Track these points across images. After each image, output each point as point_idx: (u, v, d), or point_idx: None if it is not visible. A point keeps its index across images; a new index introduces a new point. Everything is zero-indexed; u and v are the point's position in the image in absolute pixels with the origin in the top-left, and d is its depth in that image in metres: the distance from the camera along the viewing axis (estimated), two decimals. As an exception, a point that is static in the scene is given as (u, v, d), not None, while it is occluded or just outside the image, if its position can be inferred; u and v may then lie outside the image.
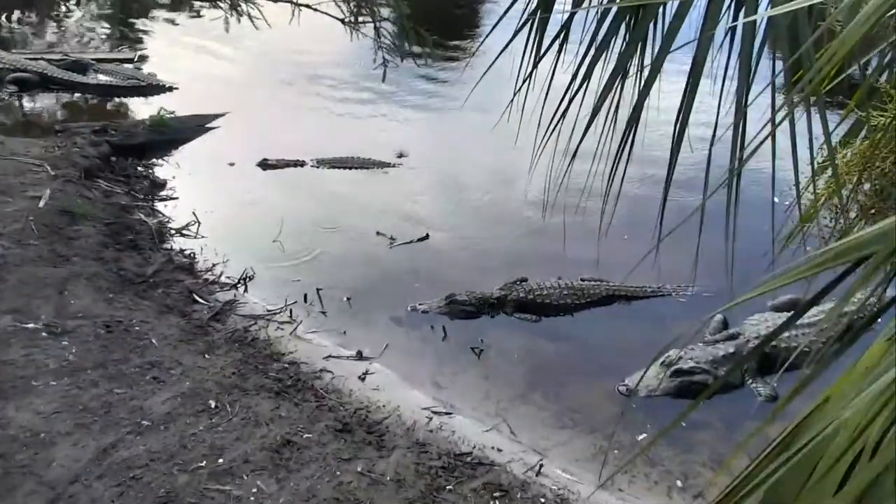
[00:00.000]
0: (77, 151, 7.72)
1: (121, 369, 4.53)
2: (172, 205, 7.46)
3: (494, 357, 5.50)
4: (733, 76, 1.95)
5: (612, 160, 2.13)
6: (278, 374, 4.83)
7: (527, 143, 2.28)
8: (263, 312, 5.71)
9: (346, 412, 4.54)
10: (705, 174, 2.02)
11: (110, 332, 4.90)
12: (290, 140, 9.01)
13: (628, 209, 7.08)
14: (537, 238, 6.88)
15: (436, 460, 4.19)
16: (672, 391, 5.08)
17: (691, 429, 4.74)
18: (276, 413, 4.36)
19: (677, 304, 6.15)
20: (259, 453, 3.98)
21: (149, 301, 5.50)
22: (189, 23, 14.06)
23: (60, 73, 10.38)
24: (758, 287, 1.33)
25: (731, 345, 5.41)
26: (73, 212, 6.37)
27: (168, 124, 8.76)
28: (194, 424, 4.15)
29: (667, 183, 2.13)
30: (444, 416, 4.71)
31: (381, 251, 6.85)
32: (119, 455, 3.84)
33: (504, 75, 2.26)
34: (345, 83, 11.19)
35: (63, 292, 5.23)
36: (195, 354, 4.86)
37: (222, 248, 6.64)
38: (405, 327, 5.82)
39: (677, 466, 4.48)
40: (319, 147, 8.85)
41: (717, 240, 2.04)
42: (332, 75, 11.53)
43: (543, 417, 4.88)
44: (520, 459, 4.37)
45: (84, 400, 4.21)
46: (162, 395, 4.36)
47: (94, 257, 5.86)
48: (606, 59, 2.12)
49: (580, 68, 2.12)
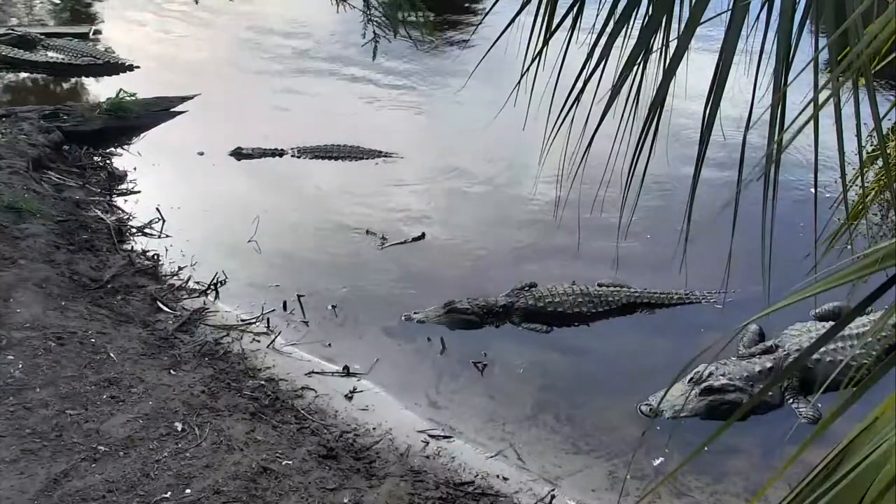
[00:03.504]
0: (24, 139, 7.72)
1: (74, 387, 4.53)
2: (133, 200, 7.47)
3: (499, 373, 5.50)
4: (771, 53, 1.95)
5: (632, 149, 2.14)
6: (254, 392, 4.83)
7: (537, 130, 2.28)
8: (237, 322, 5.71)
9: (331, 435, 4.54)
10: (739, 162, 2.02)
11: (62, 344, 4.90)
12: (267, 127, 9.03)
13: (652, 204, 7.11)
14: (548, 238, 6.88)
15: (433, 490, 4.19)
16: (701, 412, 5.09)
17: (724, 455, 4.74)
18: (252, 437, 4.35)
19: (708, 312, 6.16)
20: (232, 483, 3.98)
21: (106, 309, 5.50)
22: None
23: (5, 50, 10.38)
24: (797, 293, 1.33)
25: (768, 359, 5.41)
26: (20, 208, 6.37)
27: (128, 108, 8.77)
28: (158, 450, 4.15)
29: (695, 175, 2.14)
30: (442, 440, 4.71)
31: (370, 252, 6.86)
32: (72, 485, 3.83)
33: (511, 54, 2.26)
34: (330, 62, 11.21)
35: (8, 300, 5.23)
36: (159, 370, 4.86)
37: (190, 249, 6.64)
38: (398, 339, 5.82)
39: (707, 498, 4.48)
40: (301, 135, 8.86)
41: (752, 239, 2.04)
42: (316, 53, 11.55)
43: (555, 442, 4.89)
44: (528, 489, 4.37)
45: (32, 422, 4.20)
46: (121, 416, 4.36)
47: (43, 260, 5.86)
48: (627, 34, 2.13)
49: (596, 45, 2.12)
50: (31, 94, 9.92)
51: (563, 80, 2.22)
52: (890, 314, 1.30)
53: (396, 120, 9.60)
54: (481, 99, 8.60)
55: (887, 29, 1.39)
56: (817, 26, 1.94)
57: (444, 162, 8.64)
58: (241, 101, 9.89)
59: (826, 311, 5.93)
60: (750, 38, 1.99)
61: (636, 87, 2.13)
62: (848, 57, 1.69)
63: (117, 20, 12.91)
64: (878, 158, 2.52)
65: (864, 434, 1.24)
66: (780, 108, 1.91)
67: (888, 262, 1.27)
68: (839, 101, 1.79)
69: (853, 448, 1.23)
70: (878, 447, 1.15)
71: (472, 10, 13.82)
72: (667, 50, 2.09)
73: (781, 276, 2.17)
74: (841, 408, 1.27)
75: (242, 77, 10.68)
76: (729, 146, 2.56)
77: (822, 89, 1.64)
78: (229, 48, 11.77)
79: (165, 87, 9.48)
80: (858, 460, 1.17)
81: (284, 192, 7.95)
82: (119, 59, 10.86)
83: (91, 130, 8.44)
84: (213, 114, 9.40)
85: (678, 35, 2.03)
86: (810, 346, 1.40)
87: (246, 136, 8.65)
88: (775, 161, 1.92)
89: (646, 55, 2.12)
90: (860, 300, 1.31)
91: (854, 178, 2.94)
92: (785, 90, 1.90)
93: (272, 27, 12.33)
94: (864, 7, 1.60)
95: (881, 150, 2.07)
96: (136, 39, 11.71)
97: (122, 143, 8.58)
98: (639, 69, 2.11)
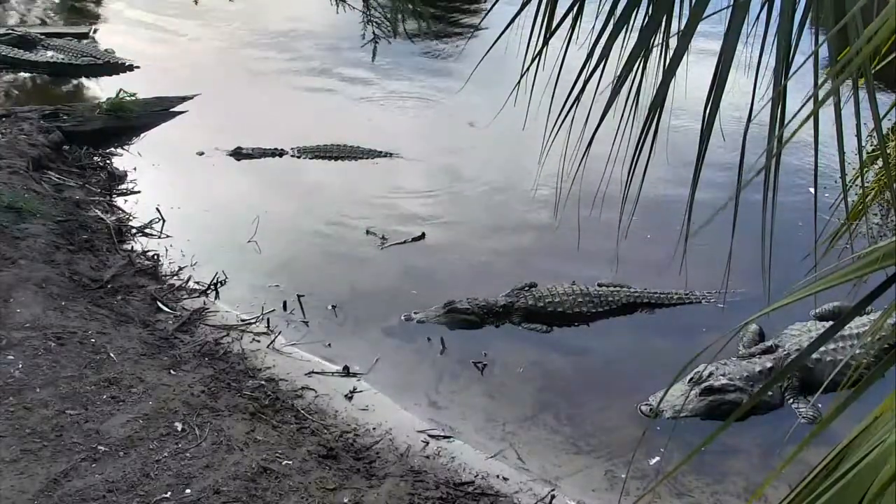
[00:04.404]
0: (24, 139, 7.72)
1: (74, 387, 4.53)
2: (133, 200, 7.46)
3: (499, 373, 5.50)
4: (771, 50, 1.95)
5: (633, 148, 2.14)
6: (254, 392, 4.83)
7: (536, 130, 2.28)
8: (237, 322, 5.71)
9: (330, 436, 4.55)
10: (740, 159, 2.02)
11: (62, 344, 4.90)
12: (267, 126, 9.02)
13: (652, 204, 7.11)
14: (548, 238, 6.89)
15: (433, 490, 4.19)
16: (701, 412, 5.09)
17: (724, 455, 4.74)
18: (252, 437, 4.36)
19: (708, 312, 6.16)
20: (232, 483, 3.98)
21: (106, 309, 5.51)
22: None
23: (5, 50, 10.38)
24: (797, 292, 1.33)
25: (768, 359, 5.41)
26: (20, 208, 6.37)
27: (128, 108, 8.77)
28: (158, 450, 4.15)
29: (695, 174, 2.14)
30: (442, 441, 4.72)
31: (370, 252, 6.86)
32: (72, 485, 3.84)
33: (510, 53, 2.26)
34: (330, 62, 11.21)
35: (8, 300, 5.23)
36: (159, 370, 4.86)
37: (190, 249, 6.65)
38: (398, 339, 5.82)
39: (707, 498, 4.49)
40: (301, 134, 8.85)
41: (752, 239, 2.04)
42: (316, 53, 11.55)
43: (555, 442, 4.89)
44: (528, 490, 4.38)
45: (32, 422, 4.21)
46: (121, 416, 4.36)
47: (43, 260, 5.86)
48: (627, 33, 2.13)
49: (597, 45, 2.12)
50: (31, 94, 9.91)
51: (563, 80, 2.22)
52: (889, 314, 1.30)
53: (396, 120, 9.60)
54: (481, 99, 8.62)
55: (886, 27, 1.39)
56: (817, 26, 1.94)
57: (444, 162, 8.64)
58: (241, 101, 9.89)
59: (826, 310, 5.93)
60: (749, 37, 1.99)
61: (636, 87, 2.14)
62: (847, 55, 1.69)
63: (117, 20, 12.91)
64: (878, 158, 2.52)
65: (863, 434, 1.24)
66: (779, 107, 1.91)
67: (887, 261, 1.27)
68: (839, 101, 1.79)
69: (852, 448, 1.23)
70: (877, 447, 1.15)
71: (472, 11, 13.83)
72: (667, 50, 2.09)
73: (781, 276, 2.17)
74: (840, 407, 1.28)
75: (242, 77, 10.67)
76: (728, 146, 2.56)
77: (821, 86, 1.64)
78: (229, 48, 11.77)
79: (165, 87, 9.48)
80: (857, 460, 1.17)
81: (284, 192, 7.95)
82: (119, 59, 10.85)
83: (91, 130, 8.44)
84: (213, 114, 9.40)
85: (678, 33, 2.03)
86: (810, 345, 1.40)
87: (246, 136, 8.65)
88: (775, 161, 1.92)
89: (646, 55, 2.12)
90: (859, 300, 1.31)
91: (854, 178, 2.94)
92: (785, 90, 1.90)
93: (272, 27, 12.33)
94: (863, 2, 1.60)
95: (881, 150, 2.07)
96: (136, 39, 11.71)
97: (122, 143, 8.58)
98: (638, 69, 2.11)
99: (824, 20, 1.87)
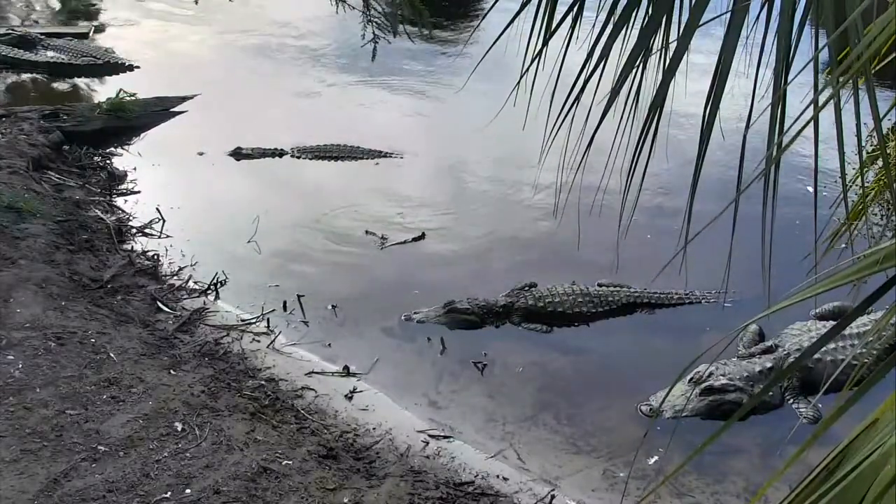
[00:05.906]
0: (24, 139, 7.72)
1: (74, 387, 4.53)
2: (133, 200, 7.46)
3: (499, 373, 5.50)
4: (771, 52, 1.95)
5: (633, 149, 2.14)
6: (254, 392, 4.83)
7: (536, 131, 2.28)
8: (237, 322, 5.71)
9: (330, 436, 4.54)
10: (740, 161, 2.02)
11: (62, 344, 4.90)
12: (267, 127, 9.02)
13: (652, 205, 7.12)
14: (548, 238, 6.89)
15: (433, 490, 4.19)
16: (702, 412, 5.09)
17: (724, 455, 4.74)
18: (252, 437, 4.36)
19: (708, 312, 6.16)
20: (232, 483, 3.98)
21: (106, 309, 5.50)
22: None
23: (5, 50, 10.37)
24: (798, 293, 1.33)
25: (768, 359, 5.41)
26: (20, 208, 6.36)
27: (128, 108, 8.76)
28: (158, 450, 4.15)
29: (695, 175, 2.14)
30: (442, 441, 4.71)
31: (370, 253, 6.86)
32: (72, 485, 3.83)
33: (510, 54, 2.26)
34: (330, 62, 11.21)
35: (8, 300, 5.23)
36: (159, 370, 4.86)
37: (190, 249, 6.64)
38: (398, 339, 5.82)
39: (707, 498, 4.49)
40: (301, 135, 8.86)
41: (753, 240, 2.04)
42: (316, 53, 11.55)
43: (555, 442, 4.89)
44: (528, 490, 4.37)
45: (32, 422, 4.21)
46: (121, 416, 4.36)
47: (43, 260, 5.86)
48: (626, 34, 2.13)
49: (596, 46, 2.12)
50: (31, 94, 9.91)
51: (563, 80, 2.22)
52: (891, 315, 1.30)
53: (396, 120, 9.59)
54: (481, 99, 8.61)
55: (887, 30, 1.39)
56: (818, 25, 1.94)
57: (444, 162, 8.64)
58: (240, 101, 9.89)
59: (826, 310, 5.94)
60: (749, 38, 1.99)
61: (636, 87, 2.14)
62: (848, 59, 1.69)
63: (117, 20, 12.90)
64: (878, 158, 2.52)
65: (864, 434, 1.24)
66: (780, 107, 1.91)
67: (888, 262, 1.27)
68: (839, 102, 1.79)
69: (853, 448, 1.23)
70: (877, 448, 1.15)
71: (472, 11, 13.82)
72: (666, 50, 2.09)
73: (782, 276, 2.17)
74: (841, 408, 1.27)
75: (242, 77, 10.67)
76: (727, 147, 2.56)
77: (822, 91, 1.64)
78: (229, 48, 11.77)
79: (165, 87, 9.47)
80: (858, 461, 1.17)
81: (284, 193, 7.95)
82: (119, 59, 10.85)
83: (91, 130, 8.43)
84: (213, 114, 9.40)
85: (678, 35, 2.03)
86: (811, 346, 1.40)
87: (246, 136, 8.65)
88: (775, 161, 1.92)
89: (645, 56, 2.12)
90: (861, 300, 1.31)
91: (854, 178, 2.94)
92: (785, 90, 1.90)
93: (272, 27, 12.33)
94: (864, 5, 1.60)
95: (881, 150, 2.07)
96: (136, 39, 11.71)
97: (122, 143, 8.57)
98: (638, 69, 2.11)
99: (824, 21, 1.87)
